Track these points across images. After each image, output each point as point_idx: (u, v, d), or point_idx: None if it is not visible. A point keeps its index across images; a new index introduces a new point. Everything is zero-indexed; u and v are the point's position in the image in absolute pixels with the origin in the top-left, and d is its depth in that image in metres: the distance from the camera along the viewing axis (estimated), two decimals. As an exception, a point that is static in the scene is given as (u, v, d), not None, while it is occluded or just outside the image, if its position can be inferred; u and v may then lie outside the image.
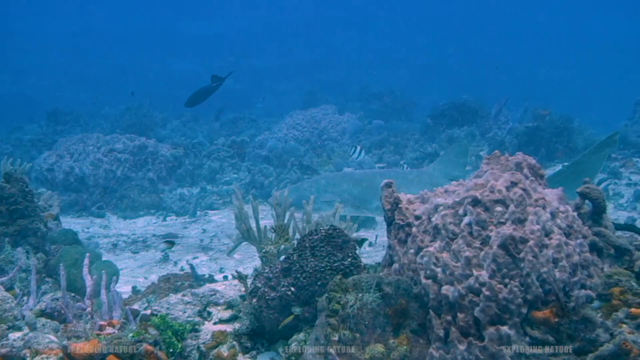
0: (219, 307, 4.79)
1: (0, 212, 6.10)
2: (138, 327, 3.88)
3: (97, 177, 15.81)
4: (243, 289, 4.75)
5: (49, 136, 24.73)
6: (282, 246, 5.12)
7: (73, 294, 4.34)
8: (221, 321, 4.66)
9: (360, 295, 3.54)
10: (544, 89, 41.84)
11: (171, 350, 4.02)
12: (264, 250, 4.93)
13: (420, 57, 54.99)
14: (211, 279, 6.62)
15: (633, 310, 3.12)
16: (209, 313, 4.73)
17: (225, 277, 7.00)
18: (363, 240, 4.60)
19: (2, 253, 5.97)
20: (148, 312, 4.70)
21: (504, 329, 3.09)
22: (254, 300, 4.19)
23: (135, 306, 5.56)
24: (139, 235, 12.83)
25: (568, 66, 53.67)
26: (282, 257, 4.38)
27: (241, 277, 4.65)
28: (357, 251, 4.16)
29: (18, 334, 3.78)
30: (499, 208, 3.39)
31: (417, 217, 3.76)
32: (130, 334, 3.74)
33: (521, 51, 54.90)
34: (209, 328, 4.53)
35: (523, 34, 58.00)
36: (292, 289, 3.99)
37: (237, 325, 4.46)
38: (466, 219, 3.42)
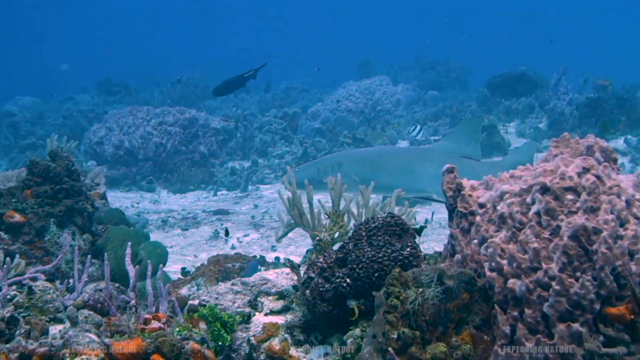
0: (270, 298, 4.60)
1: (45, 191, 6.00)
2: (185, 322, 3.72)
3: (147, 150, 15.83)
4: (295, 278, 4.56)
5: (99, 107, 25.02)
6: (337, 233, 4.89)
7: (117, 285, 4.20)
8: (272, 312, 4.48)
9: (421, 290, 3.31)
10: (603, 58, 40.72)
11: (220, 343, 3.85)
12: (317, 238, 4.71)
13: (475, 26, 54.08)
14: (262, 260, 6.44)
15: None
16: (260, 303, 4.56)
17: (277, 259, 6.82)
18: (422, 228, 4.36)
19: (48, 234, 5.88)
20: (196, 302, 4.54)
21: (576, 326, 2.87)
22: (307, 292, 4.00)
23: (184, 290, 5.43)
24: (189, 211, 12.78)
25: (628, 35, 52.09)
26: (337, 246, 4.17)
27: (293, 267, 4.45)
28: (416, 240, 3.93)
29: (59, 327, 3.65)
30: (570, 196, 3.15)
31: (481, 205, 3.52)
32: (177, 329, 3.57)
33: (580, 20, 53.51)
34: (259, 319, 4.35)
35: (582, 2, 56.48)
36: (348, 280, 3.78)
37: (289, 316, 4.28)
38: (534, 208, 3.19)
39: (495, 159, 15.58)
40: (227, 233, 5.61)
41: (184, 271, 7.20)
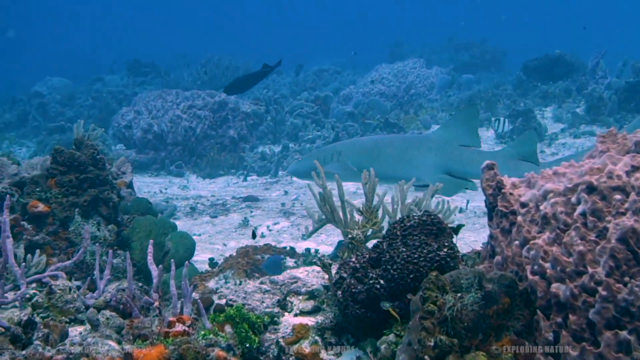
0: (300, 297, 4.46)
1: (70, 181, 5.90)
2: (210, 324, 3.58)
3: (176, 134, 15.75)
4: (326, 277, 4.41)
5: (128, 88, 25.08)
6: (369, 230, 4.72)
7: (141, 284, 4.08)
8: (302, 313, 4.34)
9: (460, 295, 3.18)
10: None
11: (247, 345, 3.71)
12: (349, 237, 4.54)
13: (508, 6, 53.26)
14: (292, 251, 6.27)
15: None
16: (290, 303, 4.42)
17: (308, 250, 6.65)
18: (459, 227, 4.19)
19: (72, 225, 5.78)
20: (222, 301, 4.41)
21: (623, 334, 2.74)
22: (339, 292, 3.85)
23: (211, 283, 5.28)
24: (218, 197, 12.69)
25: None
26: (371, 246, 4.00)
27: (325, 266, 4.29)
28: (453, 239, 3.76)
29: (80, 329, 3.54)
30: (617, 196, 3.01)
31: (523, 205, 3.38)
32: (202, 333, 3.44)
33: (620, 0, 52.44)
34: (289, 320, 4.22)
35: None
36: (381, 281, 3.64)
37: (319, 318, 4.15)
38: (580, 208, 3.05)
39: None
40: (254, 235, 5.47)
41: (211, 262, 7.07)
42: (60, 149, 6.02)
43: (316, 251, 6.62)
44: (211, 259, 7.02)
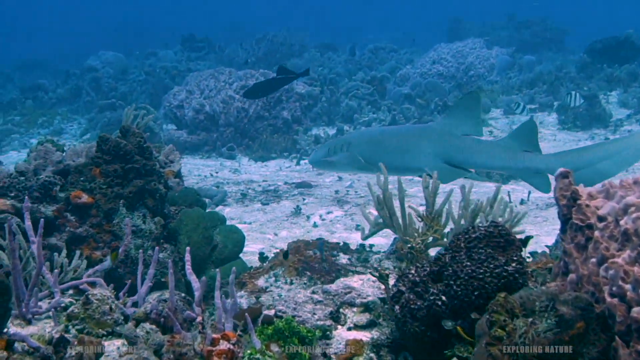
0: (354, 309, 4.22)
1: (115, 170, 5.71)
2: (259, 342, 3.35)
3: (228, 115, 15.59)
4: (382, 286, 4.15)
5: (182, 63, 25.11)
6: (430, 238, 4.44)
7: (183, 295, 3.86)
8: (356, 327, 4.10)
9: (531, 320, 2.95)
10: None
11: (297, 361, 3.50)
12: (409, 246, 4.25)
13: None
14: (345, 247, 6.01)
15: None
16: (343, 316, 4.17)
17: (362, 246, 6.39)
18: (528, 239, 3.91)
19: (117, 217, 5.61)
20: (271, 312, 4.18)
21: None
22: (397, 307, 3.61)
23: (261, 281, 5.07)
24: (270, 182, 12.50)
25: None
26: (432, 257, 3.74)
27: (381, 277, 4.03)
28: (522, 253, 3.49)
29: (117, 343, 3.34)
30: None
31: (601, 218, 3.11)
32: (249, 352, 3.22)
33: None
34: (342, 335, 3.99)
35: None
36: (443, 298, 3.41)
37: (375, 333, 3.93)
38: None
39: (596, 131, 14.90)
40: (285, 256, 5.28)
41: (262, 257, 6.86)
42: (105, 136, 5.85)
43: (370, 246, 6.36)
44: (261, 253, 6.82)
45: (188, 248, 3.84)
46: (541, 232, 8.27)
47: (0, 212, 5.26)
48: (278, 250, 6.02)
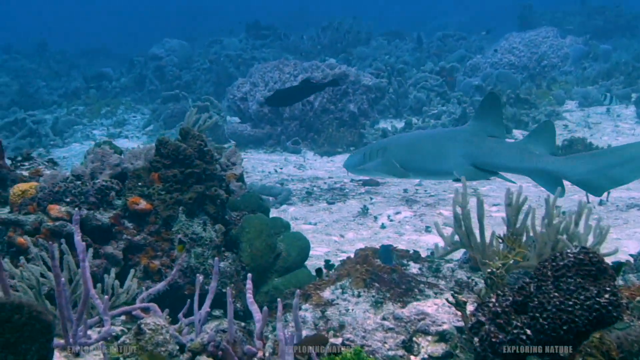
0: (428, 338, 3.90)
1: (174, 175, 5.50)
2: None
3: (293, 108, 15.35)
4: (459, 313, 3.83)
5: (247, 52, 25.04)
6: (512, 261, 4.08)
7: (243, 324, 3.61)
8: (431, 358, 3.80)
9: None
10: None
11: (367, 399, 3.21)
12: (489, 271, 3.91)
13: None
14: (416, 255, 5.68)
15: None
16: (416, 345, 3.86)
17: (432, 254, 6.05)
18: (621, 266, 3.53)
19: (176, 225, 5.41)
20: (339, 340, 3.90)
21: None
22: (476, 339, 3.29)
23: (327, 292, 4.81)
24: (335, 179, 12.23)
25: None
26: (516, 286, 3.39)
27: (459, 304, 3.70)
28: (615, 282, 3.14)
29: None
30: None
31: None
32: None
33: None
34: (415, 367, 3.68)
35: None
36: (528, 331, 3.09)
37: (451, 366, 3.59)
38: None
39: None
40: (319, 273, 5.11)
41: (327, 264, 6.60)
42: (164, 139, 5.64)
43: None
44: (327, 261, 6.55)
45: (250, 275, 3.57)
46: (622, 236, 7.99)
47: (55, 219, 5.12)
48: (345, 257, 5.78)
